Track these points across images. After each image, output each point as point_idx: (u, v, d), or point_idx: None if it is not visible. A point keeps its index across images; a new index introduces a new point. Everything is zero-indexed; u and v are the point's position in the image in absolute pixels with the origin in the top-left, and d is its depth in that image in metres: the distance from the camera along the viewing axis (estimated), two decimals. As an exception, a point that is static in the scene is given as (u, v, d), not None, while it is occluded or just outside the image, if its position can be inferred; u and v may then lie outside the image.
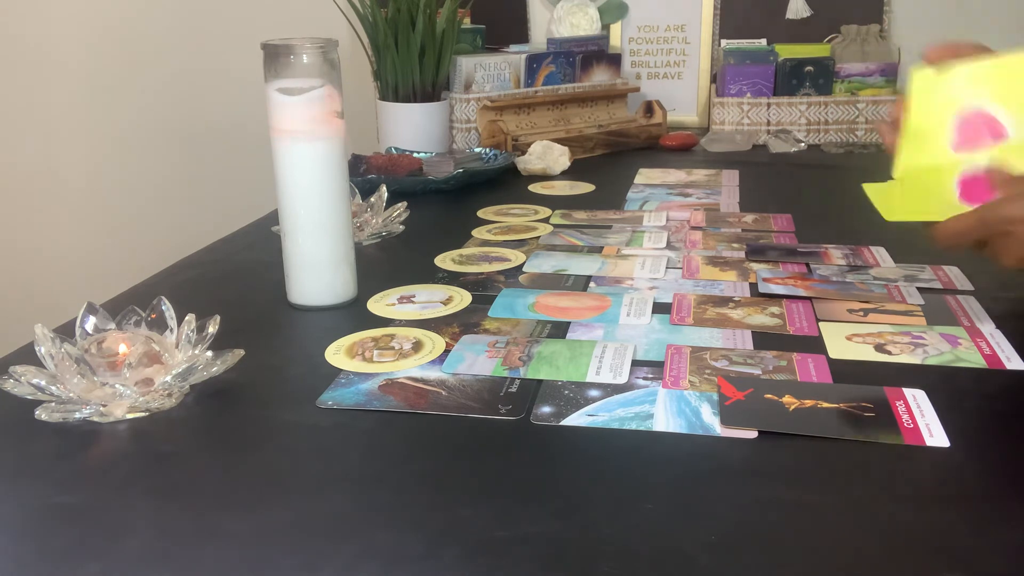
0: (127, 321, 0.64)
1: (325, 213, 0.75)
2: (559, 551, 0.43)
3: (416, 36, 1.29)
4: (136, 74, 1.81)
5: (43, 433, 0.56)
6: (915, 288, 0.78)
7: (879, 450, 0.52)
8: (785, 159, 1.38)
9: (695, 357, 0.64)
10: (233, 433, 0.56)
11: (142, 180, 1.86)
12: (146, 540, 0.45)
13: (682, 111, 1.66)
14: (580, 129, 1.43)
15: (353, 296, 0.78)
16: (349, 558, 0.43)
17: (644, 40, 1.68)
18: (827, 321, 0.71)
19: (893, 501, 0.47)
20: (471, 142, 1.41)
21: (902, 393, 0.58)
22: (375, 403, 0.59)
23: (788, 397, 0.58)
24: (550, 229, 0.99)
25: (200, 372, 0.60)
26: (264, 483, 0.50)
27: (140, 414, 0.58)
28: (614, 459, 0.52)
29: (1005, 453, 0.52)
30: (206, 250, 0.95)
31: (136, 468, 0.52)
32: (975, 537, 0.44)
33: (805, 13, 1.63)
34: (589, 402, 0.58)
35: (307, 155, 0.74)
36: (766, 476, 0.50)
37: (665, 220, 1.02)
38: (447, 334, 0.70)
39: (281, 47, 0.72)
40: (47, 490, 0.50)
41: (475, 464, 0.52)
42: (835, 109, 1.48)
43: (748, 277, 0.82)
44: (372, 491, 0.49)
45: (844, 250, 0.89)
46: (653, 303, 0.75)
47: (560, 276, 0.83)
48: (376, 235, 0.97)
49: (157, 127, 1.83)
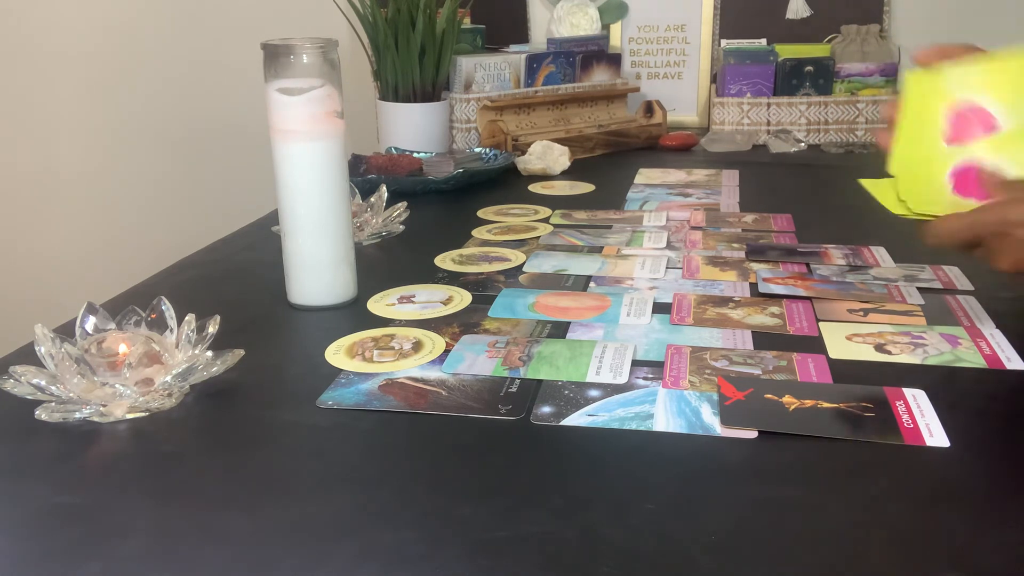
0: (127, 321, 0.64)
1: (325, 213, 0.75)
2: (559, 551, 0.43)
3: (416, 36, 1.29)
4: (136, 74, 1.81)
5: (43, 433, 0.56)
6: (915, 288, 0.78)
7: (879, 450, 0.52)
8: (785, 159, 1.38)
9: (695, 357, 0.64)
10: (233, 433, 0.56)
11: (142, 180, 1.86)
12: (146, 540, 0.45)
13: (682, 111, 1.66)
14: (580, 129, 1.43)
15: (353, 296, 0.78)
16: (349, 558, 0.43)
17: (644, 40, 1.68)
18: (827, 321, 0.71)
19: (893, 501, 0.47)
20: (471, 142, 1.41)
21: (902, 393, 0.58)
22: (375, 403, 0.59)
23: (788, 397, 0.58)
24: (550, 229, 0.99)
25: (200, 372, 0.60)
26: (264, 483, 0.50)
27: (140, 414, 0.58)
28: (614, 459, 0.52)
29: (1005, 453, 0.52)
30: (206, 250, 0.95)
31: (136, 468, 0.52)
32: (975, 537, 0.44)
33: (805, 13, 1.63)
34: (589, 402, 0.58)
35: (307, 155, 0.74)
36: (766, 476, 0.50)
37: (665, 220, 1.02)
38: (447, 334, 0.70)
39: (281, 47, 0.72)
40: (47, 490, 0.50)
41: (475, 464, 0.52)
42: (835, 109, 1.48)
43: (748, 277, 0.82)
44: (372, 491, 0.49)
45: (844, 250, 0.89)
46: (653, 303, 0.75)
47: (560, 276, 0.83)
48: (376, 235, 0.97)
49: (157, 127, 1.83)
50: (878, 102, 1.47)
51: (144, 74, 1.81)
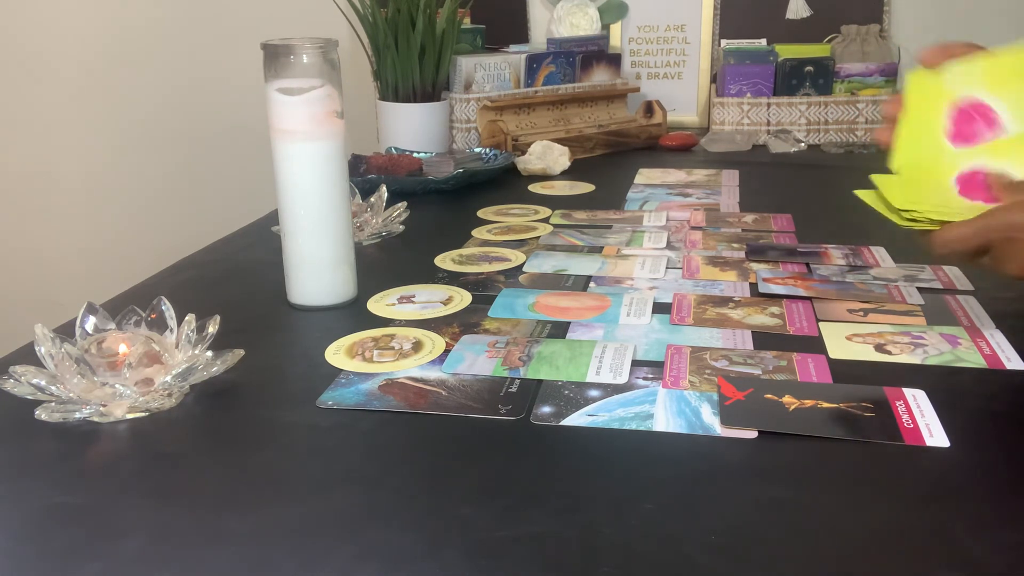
0: (127, 321, 0.64)
1: (325, 213, 0.75)
2: (559, 551, 0.43)
3: (416, 36, 1.29)
4: (136, 74, 1.81)
5: (43, 433, 0.56)
6: (915, 288, 0.78)
7: (879, 450, 0.52)
8: (785, 159, 1.38)
9: (695, 357, 0.64)
10: (233, 433, 0.56)
11: (142, 180, 1.86)
12: (146, 540, 0.45)
13: (682, 111, 1.66)
14: (580, 129, 1.43)
15: (353, 296, 0.78)
16: (349, 558, 0.43)
17: (644, 40, 1.68)
18: (827, 321, 0.71)
19: (893, 501, 0.47)
20: (471, 142, 1.41)
21: (902, 393, 0.58)
22: (375, 403, 0.59)
23: (788, 397, 0.58)
24: (550, 229, 0.99)
25: (200, 372, 0.60)
26: (264, 483, 0.50)
27: (140, 414, 0.58)
28: (614, 459, 0.52)
29: (1005, 453, 0.52)
30: (206, 250, 0.95)
31: (136, 468, 0.52)
32: (975, 537, 0.44)
33: (805, 13, 1.63)
34: (589, 402, 0.58)
35: (307, 155, 0.74)
36: (766, 476, 0.50)
37: (665, 220, 1.02)
38: (447, 334, 0.70)
39: (281, 47, 0.72)
40: (47, 490, 0.50)
41: (475, 464, 0.52)
42: (835, 109, 1.48)
43: (748, 277, 0.82)
44: (372, 491, 0.49)
45: (844, 250, 0.89)
46: (653, 303, 0.75)
47: (560, 276, 0.83)
48: (376, 235, 0.97)
49: (157, 127, 1.83)
50: (878, 102, 1.47)
51: (144, 74, 1.81)
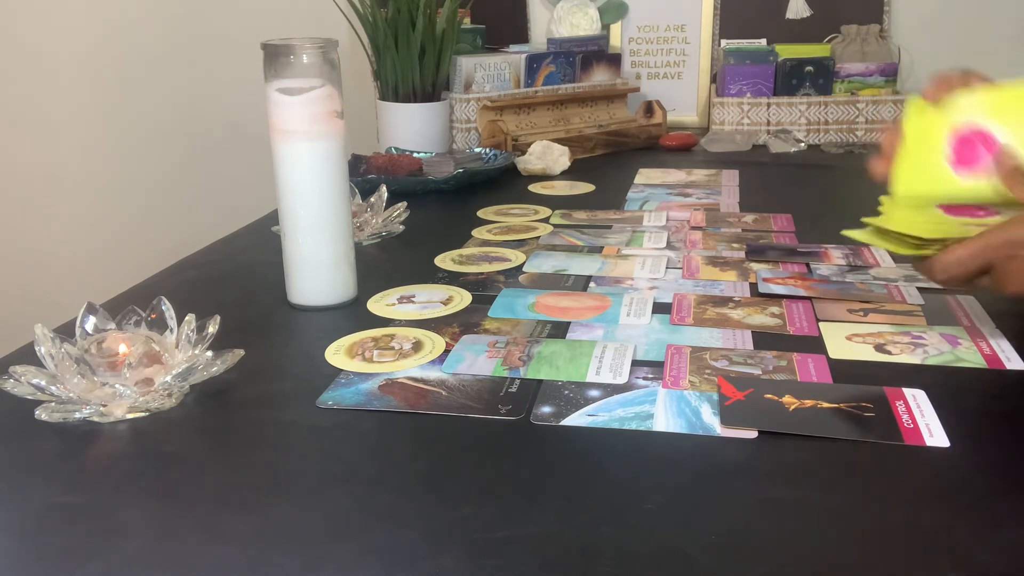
0: (127, 321, 0.64)
1: (325, 213, 0.75)
2: (559, 551, 0.43)
3: (416, 36, 1.29)
4: (136, 74, 1.81)
5: (43, 433, 0.56)
6: (915, 288, 0.78)
7: (879, 450, 0.52)
8: (785, 159, 1.38)
9: (695, 357, 0.64)
10: (233, 433, 0.56)
11: (142, 180, 1.86)
12: (146, 540, 0.45)
13: (682, 111, 1.66)
14: (580, 129, 1.43)
15: (353, 296, 0.78)
16: (349, 558, 0.43)
17: (644, 40, 1.68)
18: (827, 321, 0.71)
19: (893, 501, 0.47)
20: (471, 142, 1.41)
21: (902, 393, 0.58)
22: (375, 403, 0.59)
23: (788, 397, 0.58)
24: (550, 229, 0.99)
25: (200, 372, 0.60)
26: (264, 483, 0.50)
27: (140, 414, 0.58)
28: (614, 459, 0.52)
29: (1005, 453, 0.52)
30: (206, 250, 0.95)
31: (136, 468, 0.52)
32: (975, 537, 0.44)
33: (805, 13, 1.63)
34: (589, 402, 0.58)
35: (307, 155, 0.74)
36: (766, 476, 0.50)
37: (665, 220, 1.02)
38: (447, 334, 0.70)
39: (281, 47, 0.72)
40: (47, 490, 0.50)
41: (475, 464, 0.52)
42: (835, 109, 1.48)
43: (748, 277, 0.82)
44: (372, 491, 0.49)
45: (844, 250, 0.89)
46: (653, 303, 0.75)
47: (560, 276, 0.83)
48: (376, 235, 0.97)
49: (157, 127, 1.83)
50: (878, 102, 1.47)
51: (144, 74, 1.81)
